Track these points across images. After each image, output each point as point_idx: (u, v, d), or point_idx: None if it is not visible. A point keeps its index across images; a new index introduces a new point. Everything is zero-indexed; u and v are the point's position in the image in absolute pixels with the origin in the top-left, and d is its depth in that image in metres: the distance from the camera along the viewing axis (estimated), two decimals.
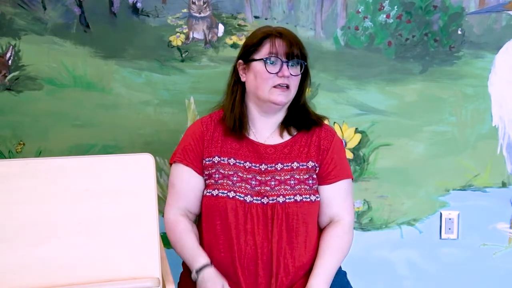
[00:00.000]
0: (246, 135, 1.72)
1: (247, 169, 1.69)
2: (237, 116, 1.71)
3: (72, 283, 1.33)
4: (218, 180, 1.68)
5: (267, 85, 1.66)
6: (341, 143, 1.79)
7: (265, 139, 1.73)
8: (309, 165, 1.70)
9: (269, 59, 1.65)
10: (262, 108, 1.72)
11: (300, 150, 1.72)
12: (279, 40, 1.66)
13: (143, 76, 2.21)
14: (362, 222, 2.32)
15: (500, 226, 2.35)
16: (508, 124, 2.29)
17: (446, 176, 2.31)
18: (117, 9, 2.18)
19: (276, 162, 1.70)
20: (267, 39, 1.68)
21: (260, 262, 1.64)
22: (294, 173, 1.69)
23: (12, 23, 2.15)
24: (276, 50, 1.66)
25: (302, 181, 1.69)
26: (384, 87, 2.27)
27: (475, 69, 2.27)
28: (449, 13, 2.24)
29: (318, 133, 1.75)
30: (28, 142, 2.18)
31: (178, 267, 1.78)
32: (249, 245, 1.64)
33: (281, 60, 1.65)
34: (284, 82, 1.66)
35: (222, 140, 1.72)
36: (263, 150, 1.71)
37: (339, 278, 1.75)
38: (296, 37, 1.70)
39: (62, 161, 1.37)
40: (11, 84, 2.17)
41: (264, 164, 1.70)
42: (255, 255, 1.64)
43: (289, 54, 1.66)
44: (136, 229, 1.38)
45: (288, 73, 1.65)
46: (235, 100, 1.73)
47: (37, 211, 1.32)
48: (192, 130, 1.76)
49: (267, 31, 1.70)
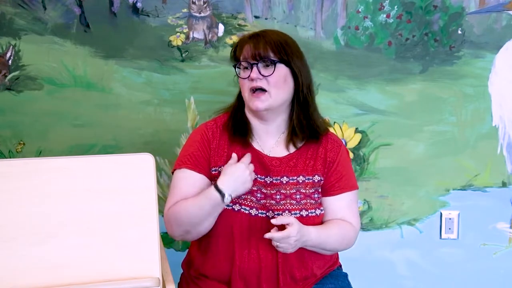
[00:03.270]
0: (251, 142, 1.67)
1: (253, 180, 1.63)
2: (238, 122, 1.67)
3: (72, 283, 1.33)
4: None
5: (245, 92, 1.63)
6: (347, 154, 1.75)
7: (270, 149, 1.68)
8: (315, 179, 1.66)
9: (239, 65, 1.63)
10: (255, 115, 1.67)
11: (306, 163, 1.67)
12: (247, 44, 1.62)
13: (143, 76, 2.21)
14: (362, 222, 2.31)
15: (500, 226, 2.35)
16: (508, 124, 2.29)
17: (446, 176, 2.31)
18: (117, 9, 2.18)
19: (282, 175, 1.65)
20: (239, 45, 1.65)
21: (263, 275, 1.62)
22: (300, 187, 1.65)
23: (12, 23, 2.15)
24: (245, 55, 1.62)
25: (308, 195, 1.65)
26: (384, 87, 2.27)
27: (475, 69, 2.27)
28: (449, 13, 2.24)
29: (325, 145, 1.69)
30: (28, 142, 2.18)
31: (178, 267, 1.78)
32: (252, 259, 1.62)
33: (250, 63, 1.60)
34: (255, 85, 1.59)
35: (228, 149, 1.66)
36: (268, 162, 1.65)
37: (341, 280, 1.75)
38: (273, 37, 1.62)
39: (62, 161, 1.37)
40: (11, 84, 2.17)
41: (269, 177, 1.65)
42: (258, 269, 1.62)
43: (255, 55, 1.59)
44: (136, 229, 1.38)
45: (255, 75, 1.59)
46: (237, 106, 1.70)
47: (37, 211, 1.32)
48: (199, 136, 1.68)
49: (243, 37, 1.68)
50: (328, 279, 1.72)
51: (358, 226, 1.72)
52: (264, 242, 1.58)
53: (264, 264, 1.62)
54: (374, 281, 2.35)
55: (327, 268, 1.73)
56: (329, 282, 1.71)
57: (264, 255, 1.61)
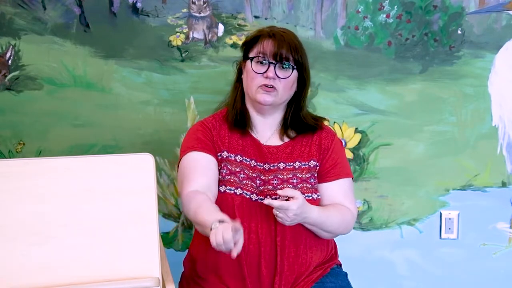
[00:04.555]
0: (250, 131, 1.73)
1: (253, 167, 1.70)
2: (238, 111, 1.72)
3: (72, 283, 1.33)
4: (225, 176, 1.68)
5: (254, 85, 1.67)
6: (341, 144, 1.81)
7: (266, 139, 1.74)
8: (311, 164, 1.72)
9: (256, 58, 1.66)
10: (255, 107, 1.73)
11: (302, 150, 1.73)
12: (269, 41, 1.66)
13: (143, 76, 2.21)
14: (362, 222, 2.32)
15: (500, 226, 2.35)
16: (508, 124, 2.29)
17: (446, 176, 2.31)
18: (117, 9, 2.18)
19: (279, 161, 1.71)
20: (260, 38, 1.68)
21: (263, 261, 1.64)
22: (297, 172, 1.70)
23: (12, 23, 2.14)
24: (265, 50, 1.66)
25: (304, 179, 1.70)
26: (384, 87, 2.27)
27: (475, 69, 2.27)
28: (449, 12, 2.24)
29: (319, 133, 1.76)
30: (28, 142, 2.18)
31: (178, 267, 1.78)
32: (253, 243, 1.64)
33: (268, 61, 1.65)
34: (269, 83, 1.65)
35: (229, 136, 1.72)
36: (265, 150, 1.72)
37: (340, 279, 1.75)
38: (293, 40, 1.68)
39: (62, 161, 1.37)
40: (11, 84, 2.17)
41: (267, 164, 1.71)
42: (258, 253, 1.64)
43: (276, 55, 1.65)
44: (136, 229, 1.38)
45: (273, 75, 1.64)
46: (237, 96, 1.74)
47: (37, 211, 1.32)
48: (199, 126, 1.73)
49: (263, 30, 1.71)
50: (328, 277, 1.73)
51: (355, 212, 1.75)
52: (264, 227, 1.63)
53: (263, 249, 1.64)
54: (374, 281, 2.34)
55: (325, 263, 1.74)
56: (329, 281, 1.71)
57: (264, 240, 1.64)
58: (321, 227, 1.65)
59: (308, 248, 1.69)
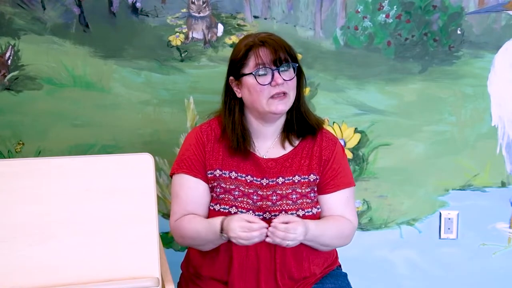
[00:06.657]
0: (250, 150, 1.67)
1: (249, 183, 1.65)
2: (239, 134, 1.65)
3: (72, 283, 1.33)
4: (220, 194, 1.65)
5: (263, 98, 1.60)
6: (342, 151, 1.75)
7: (267, 150, 1.69)
8: (311, 178, 1.67)
9: (258, 72, 1.60)
10: (264, 119, 1.66)
11: (301, 163, 1.68)
12: (263, 49, 1.60)
13: (142, 76, 2.21)
14: (361, 222, 2.31)
15: (499, 226, 2.35)
16: (507, 124, 2.30)
17: (445, 176, 2.31)
18: (116, 9, 2.18)
19: (277, 176, 1.66)
20: (251, 51, 1.61)
21: (262, 276, 1.62)
22: (296, 187, 1.65)
23: (12, 23, 2.14)
24: (263, 60, 1.59)
25: (304, 194, 1.66)
26: (384, 87, 2.27)
27: (475, 69, 2.27)
28: (449, 13, 2.24)
29: (320, 143, 1.70)
30: (27, 142, 2.18)
31: (177, 267, 1.78)
32: (251, 260, 1.62)
33: (271, 69, 1.60)
34: (280, 90, 1.60)
35: (223, 152, 1.67)
36: (264, 165, 1.66)
37: (340, 279, 1.75)
38: (281, 40, 1.64)
39: (61, 161, 1.37)
40: (11, 84, 2.17)
41: (265, 179, 1.66)
42: (256, 269, 1.62)
43: (276, 60, 1.59)
44: (136, 229, 1.38)
45: (281, 80, 1.59)
46: (235, 118, 1.67)
47: (37, 211, 1.32)
48: (194, 139, 1.69)
49: (250, 42, 1.63)
50: (327, 278, 1.72)
51: (356, 223, 1.72)
52: (263, 243, 1.56)
53: (263, 264, 1.62)
54: (373, 281, 2.35)
55: (326, 268, 1.73)
56: (328, 282, 1.71)
57: (263, 255, 1.62)
58: (320, 242, 1.63)
59: (310, 262, 1.67)
